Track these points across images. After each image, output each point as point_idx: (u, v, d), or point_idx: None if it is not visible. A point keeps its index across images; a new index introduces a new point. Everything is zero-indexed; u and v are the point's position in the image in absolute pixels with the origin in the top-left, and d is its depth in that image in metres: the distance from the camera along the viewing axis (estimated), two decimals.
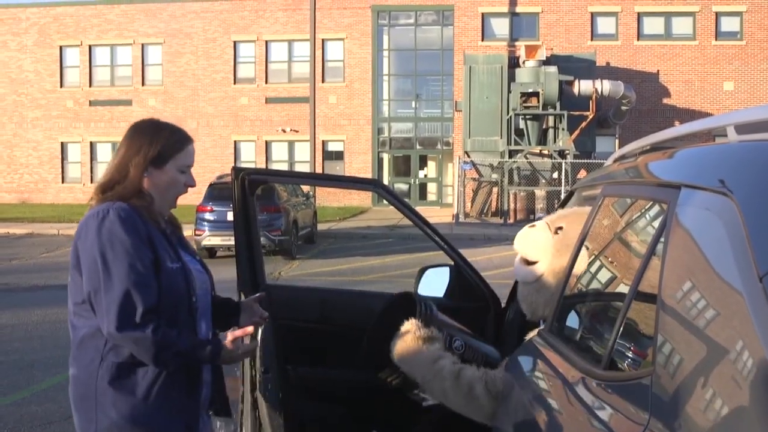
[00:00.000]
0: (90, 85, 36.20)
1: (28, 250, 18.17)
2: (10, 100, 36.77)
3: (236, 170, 3.51)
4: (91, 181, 36.14)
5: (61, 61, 36.45)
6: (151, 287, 2.29)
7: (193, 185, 2.61)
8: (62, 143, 36.43)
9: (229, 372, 7.12)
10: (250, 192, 3.52)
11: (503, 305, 3.66)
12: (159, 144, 2.51)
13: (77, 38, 36.14)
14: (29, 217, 26.39)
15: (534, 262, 2.78)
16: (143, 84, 35.69)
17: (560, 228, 2.76)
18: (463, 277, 3.61)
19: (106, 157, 36.09)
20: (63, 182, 36.52)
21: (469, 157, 27.78)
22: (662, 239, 1.58)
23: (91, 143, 36.19)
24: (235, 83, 34.79)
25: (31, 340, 8.82)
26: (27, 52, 36.56)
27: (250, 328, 2.45)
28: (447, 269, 3.74)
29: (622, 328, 1.66)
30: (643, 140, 2.38)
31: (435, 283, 3.72)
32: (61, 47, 36.39)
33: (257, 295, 2.95)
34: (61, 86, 36.43)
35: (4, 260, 16.24)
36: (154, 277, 2.32)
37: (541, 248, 2.77)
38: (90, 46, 36.17)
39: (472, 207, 28.07)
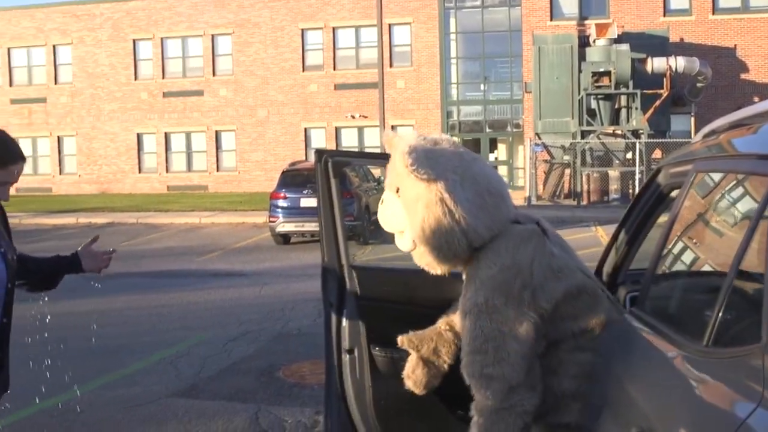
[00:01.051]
0: (163, 77, 36.96)
1: (109, 239, 18.69)
2: (87, 93, 37.82)
3: (319, 152, 3.54)
4: (167, 171, 36.99)
5: (134, 54, 37.29)
6: None
7: (3, 199, 2.98)
8: (138, 134, 37.32)
9: (312, 355, 7.21)
10: (334, 174, 3.55)
11: None
12: None
13: (149, 31, 36.91)
14: (109, 207, 27.16)
15: (402, 232, 2.85)
16: (214, 74, 36.25)
17: (398, 189, 2.79)
18: None
19: (180, 147, 36.89)
20: (139, 172, 37.44)
21: (540, 138, 27.42)
22: (767, 212, 1.55)
23: (165, 134, 36.98)
24: (303, 71, 35.05)
25: (116, 326, 9.09)
26: (102, 47, 37.51)
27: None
28: None
29: (725, 304, 1.62)
30: (732, 115, 2.32)
31: None
32: (134, 41, 37.22)
33: (90, 239, 3.31)
34: (136, 79, 37.28)
35: None
36: None
37: (397, 216, 2.82)
38: (162, 39, 36.90)
39: (544, 189, 27.71)
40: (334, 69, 34.72)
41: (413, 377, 3.09)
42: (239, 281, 12.02)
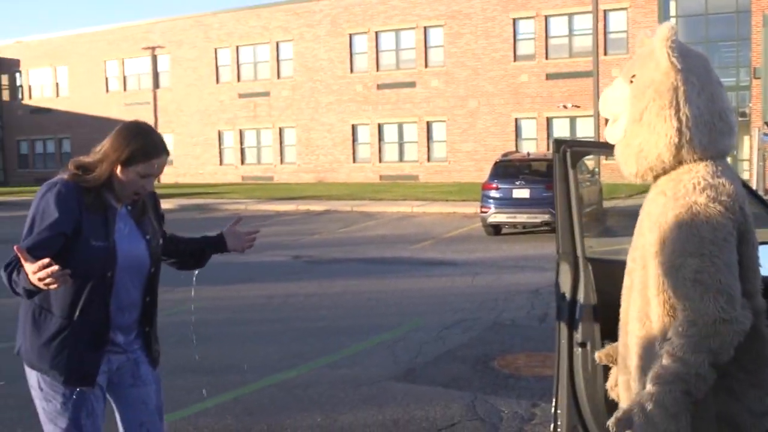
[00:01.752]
0: (377, 70, 38.07)
1: (326, 226, 19.59)
2: (306, 87, 39.73)
3: (557, 142, 3.51)
4: (379, 161, 38.12)
5: (350, 48, 38.70)
6: (46, 249, 2.74)
7: (146, 191, 3.07)
8: (353, 125, 38.72)
9: (526, 347, 7.19)
10: (572, 164, 3.50)
11: None
12: (130, 149, 2.96)
13: (365, 26, 38.12)
14: (326, 195, 28.42)
15: (616, 121, 2.69)
16: (426, 66, 36.83)
17: (634, 76, 2.63)
18: None
19: (393, 137, 37.87)
20: (354, 162, 38.85)
21: None
22: None
23: (378, 125, 38.10)
24: (514, 61, 34.77)
25: (336, 308, 9.52)
26: (320, 42, 39.23)
27: (44, 261, 2.59)
28: None
29: None
30: None
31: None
32: (350, 35, 38.61)
33: (234, 220, 3.45)
34: (351, 72, 38.67)
35: (307, 235, 17.64)
36: (55, 244, 2.80)
37: (619, 101, 2.66)
38: (376, 33, 38.01)
39: None
40: (546, 58, 34.15)
41: (616, 390, 2.97)
42: (451, 270, 12.18)
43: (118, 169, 2.97)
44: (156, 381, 3.29)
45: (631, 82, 2.68)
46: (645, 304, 2.54)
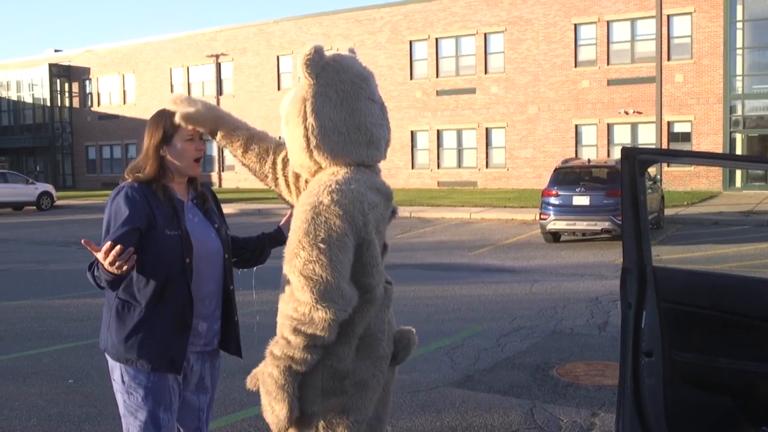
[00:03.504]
0: (437, 76, 38.11)
1: (387, 232, 19.65)
2: None
3: (626, 150, 3.52)
4: (438, 167, 38.12)
5: (410, 54, 38.82)
6: (123, 244, 2.79)
7: (201, 152, 3.25)
8: (411, 132, 38.82)
9: (586, 356, 7.14)
10: (640, 172, 3.51)
11: None
12: (161, 127, 3.18)
13: (425, 32, 38.21)
14: None
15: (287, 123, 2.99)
16: (486, 72, 36.74)
17: None
18: None
19: (452, 144, 37.85)
20: (412, 168, 38.94)
21: None
22: None
23: (437, 131, 38.13)
24: (575, 66, 34.46)
25: (395, 314, 9.51)
26: (381, 49, 39.45)
27: (107, 245, 2.74)
28: None
29: None
30: None
31: None
32: (410, 42, 38.75)
33: (288, 213, 3.52)
34: (411, 78, 38.79)
35: None
36: (131, 239, 2.92)
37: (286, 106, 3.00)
38: (437, 39, 38.06)
39: None
40: (608, 64, 33.76)
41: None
42: (510, 277, 12.15)
43: (166, 151, 3.19)
44: (214, 389, 3.44)
45: None
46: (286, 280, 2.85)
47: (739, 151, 31.60)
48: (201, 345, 3.28)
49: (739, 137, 31.95)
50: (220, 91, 45.33)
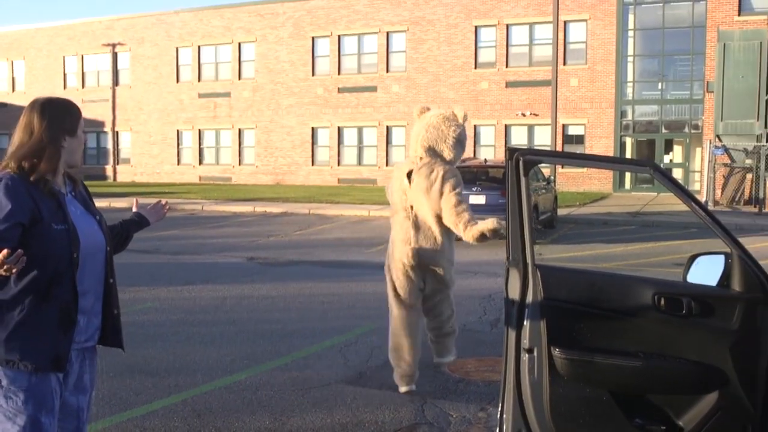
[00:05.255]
0: (339, 73, 38.10)
1: (283, 228, 19.54)
2: (268, 89, 39.61)
3: (510, 150, 3.57)
4: (338, 164, 38.13)
5: (313, 51, 38.68)
6: (4, 240, 2.77)
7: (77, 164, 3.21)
8: (312, 128, 38.70)
9: (477, 352, 7.26)
10: (524, 172, 3.57)
11: None
12: (68, 118, 3.14)
13: (327, 29, 38.14)
14: (283, 197, 28.34)
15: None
16: (387, 71, 36.97)
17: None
18: (740, 266, 3.45)
19: (352, 141, 37.93)
20: (313, 165, 38.82)
21: (720, 141, 26.08)
22: None
23: (338, 128, 38.13)
24: (475, 68, 35.08)
25: (290, 311, 9.52)
26: (283, 44, 39.16)
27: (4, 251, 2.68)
28: (722, 257, 3.60)
29: None
30: None
31: (707, 271, 3.61)
32: (313, 38, 38.60)
33: (135, 200, 3.82)
34: (313, 75, 38.66)
35: (263, 237, 17.58)
36: (13, 235, 2.84)
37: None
38: (339, 36, 38.05)
39: (722, 194, 26.35)
40: (506, 66, 34.51)
41: None
42: None
43: (66, 141, 3.08)
44: (93, 387, 3.31)
45: None
46: None
47: (629, 155, 32.83)
48: (82, 342, 3.14)
49: (629, 141, 33.18)
50: (116, 82, 44.04)
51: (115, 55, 44.10)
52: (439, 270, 6.14)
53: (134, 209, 3.70)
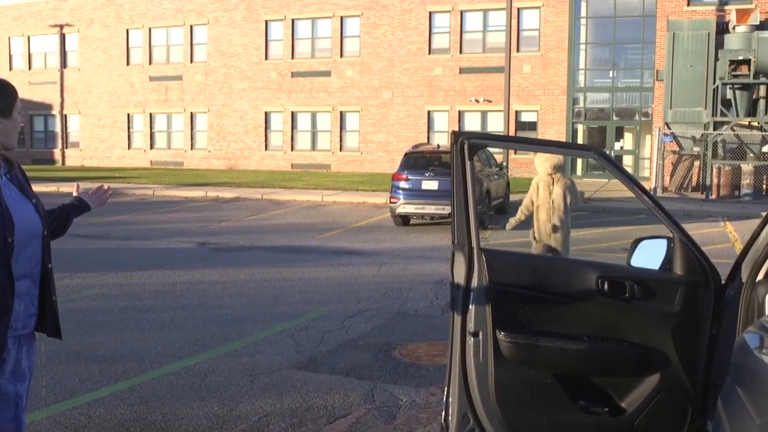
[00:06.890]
0: (292, 58, 37.79)
1: (235, 213, 19.38)
2: (220, 72, 39.13)
3: (455, 134, 3.57)
4: (292, 149, 37.90)
5: (266, 34, 38.28)
6: None
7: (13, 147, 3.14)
8: (266, 113, 38.36)
9: (428, 336, 7.28)
10: (469, 156, 3.57)
11: (723, 281, 3.55)
12: (4, 97, 3.05)
13: (281, 13, 37.76)
14: (236, 182, 28.10)
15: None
16: (341, 55, 36.77)
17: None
18: (682, 250, 3.51)
19: (306, 126, 37.70)
20: (266, 150, 38.50)
21: (669, 128, 26.52)
22: None
23: (292, 113, 37.85)
24: (429, 53, 35.07)
25: (240, 296, 9.45)
26: (236, 27, 38.68)
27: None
28: (664, 241, 3.66)
29: None
30: None
31: (650, 255, 3.67)
32: (266, 21, 38.19)
33: (76, 186, 3.78)
34: (266, 59, 38.28)
35: (215, 222, 17.41)
36: None
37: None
38: (293, 20, 37.71)
39: (670, 181, 26.82)
40: (460, 52, 34.57)
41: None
42: (359, 259, 12.24)
43: (0, 123, 3.01)
44: (32, 374, 3.24)
45: None
46: None
47: (580, 141, 33.19)
48: (19, 328, 3.07)
49: (580, 128, 33.54)
50: (64, 64, 43.11)
51: (63, 37, 43.13)
52: None
53: (75, 193, 3.66)
